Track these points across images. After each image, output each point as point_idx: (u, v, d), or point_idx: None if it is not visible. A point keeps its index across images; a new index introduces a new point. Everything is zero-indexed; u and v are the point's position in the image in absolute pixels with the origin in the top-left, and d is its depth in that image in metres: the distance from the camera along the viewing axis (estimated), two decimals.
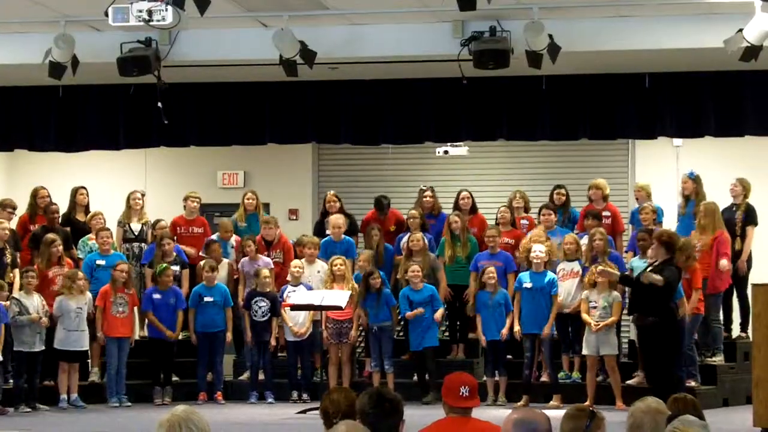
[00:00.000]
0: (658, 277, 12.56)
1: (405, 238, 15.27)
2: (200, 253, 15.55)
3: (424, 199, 15.91)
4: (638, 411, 5.62)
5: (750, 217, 14.85)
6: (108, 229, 15.27)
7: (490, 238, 14.83)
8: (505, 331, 14.27)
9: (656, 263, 12.86)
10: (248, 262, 15.24)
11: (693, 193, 14.91)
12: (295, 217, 18.19)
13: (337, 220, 15.45)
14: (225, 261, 15.33)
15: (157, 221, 15.70)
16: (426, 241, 14.97)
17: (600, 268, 13.72)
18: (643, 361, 13.64)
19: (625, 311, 14.07)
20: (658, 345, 12.72)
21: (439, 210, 15.92)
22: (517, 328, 14.26)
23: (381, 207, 15.84)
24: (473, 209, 15.86)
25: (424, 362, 14.52)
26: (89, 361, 15.06)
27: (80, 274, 14.45)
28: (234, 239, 15.67)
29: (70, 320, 14.19)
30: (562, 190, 15.67)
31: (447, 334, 15.54)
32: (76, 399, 14.29)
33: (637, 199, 15.41)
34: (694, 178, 14.98)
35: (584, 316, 13.96)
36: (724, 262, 14.16)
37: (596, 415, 5.52)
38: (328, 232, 15.58)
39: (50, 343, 14.17)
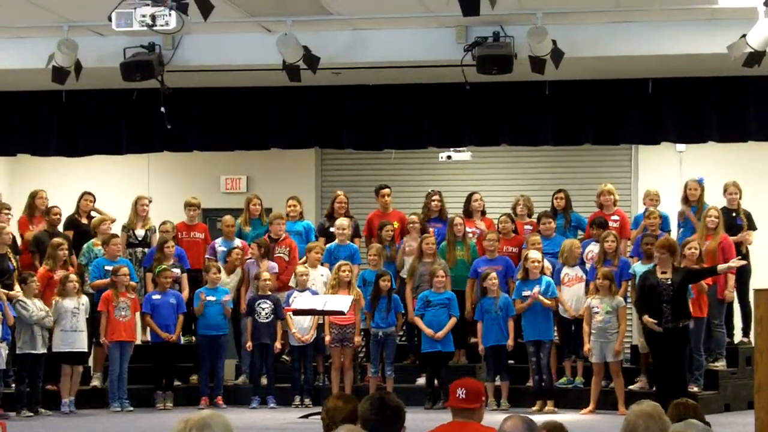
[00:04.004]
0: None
1: (404, 241, 15.36)
2: (206, 256, 15.58)
3: (432, 203, 15.90)
4: (633, 414, 5.63)
5: (752, 222, 14.91)
6: (118, 236, 15.29)
7: (489, 242, 14.84)
8: (510, 342, 14.30)
9: (667, 274, 12.95)
10: (253, 264, 15.27)
11: (698, 200, 14.93)
12: None
13: (342, 222, 15.49)
14: (238, 267, 15.35)
15: (163, 223, 15.71)
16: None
17: None
18: (655, 365, 13.51)
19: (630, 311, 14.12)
20: (683, 348, 12.98)
21: (446, 215, 15.92)
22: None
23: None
24: (483, 212, 15.89)
25: (436, 366, 14.49)
26: (91, 365, 15.10)
27: (72, 276, 14.46)
28: (239, 243, 15.69)
29: (67, 321, 14.22)
30: (561, 194, 15.67)
31: None
32: (71, 402, 14.27)
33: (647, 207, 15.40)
34: (703, 186, 15.03)
35: (585, 327, 13.99)
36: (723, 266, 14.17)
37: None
38: (333, 230, 15.61)
39: (51, 347, 14.20)
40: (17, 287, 14.18)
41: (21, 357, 13.94)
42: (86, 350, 14.66)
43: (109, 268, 14.87)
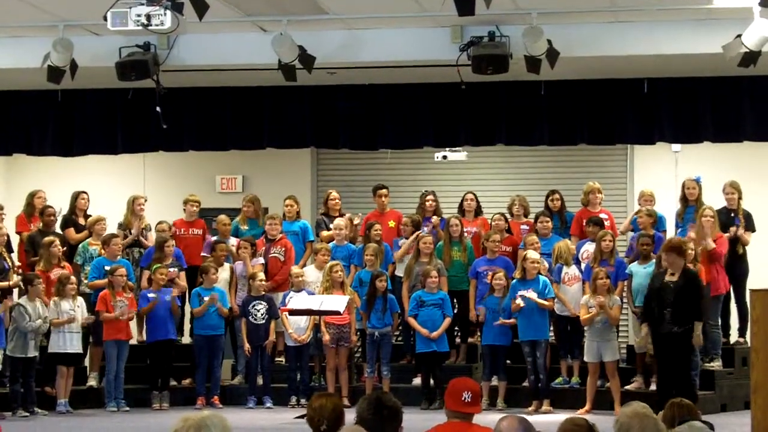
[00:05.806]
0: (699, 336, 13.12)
1: (400, 242, 15.38)
2: (202, 254, 15.57)
3: (426, 203, 15.90)
4: (624, 415, 5.63)
5: (751, 223, 14.89)
6: (118, 236, 15.27)
7: (493, 243, 14.82)
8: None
9: (675, 275, 12.88)
10: (242, 265, 15.26)
11: (696, 199, 14.93)
12: None
13: (339, 222, 15.50)
14: (227, 264, 15.34)
15: (160, 223, 15.70)
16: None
17: None
18: (658, 369, 13.46)
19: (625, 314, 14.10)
20: (685, 351, 12.95)
21: (441, 215, 15.91)
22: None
23: None
24: (478, 212, 15.88)
25: (432, 366, 14.49)
26: (87, 365, 15.08)
27: (72, 278, 14.44)
28: (235, 241, 15.68)
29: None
30: (557, 195, 15.67)
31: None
32: (66, 402, 14.25)
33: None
34: (701, 184, 15.02)
35: (583, 317, 13.96)
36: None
37: (593, 428, 5.53)
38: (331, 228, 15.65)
39: (47, 347, 14.18)
40: (13, 279, 14.22)
41: (13, 359, 13.90)
42: (81, 351, 14.64)
43: (109, 268, 14.86)
